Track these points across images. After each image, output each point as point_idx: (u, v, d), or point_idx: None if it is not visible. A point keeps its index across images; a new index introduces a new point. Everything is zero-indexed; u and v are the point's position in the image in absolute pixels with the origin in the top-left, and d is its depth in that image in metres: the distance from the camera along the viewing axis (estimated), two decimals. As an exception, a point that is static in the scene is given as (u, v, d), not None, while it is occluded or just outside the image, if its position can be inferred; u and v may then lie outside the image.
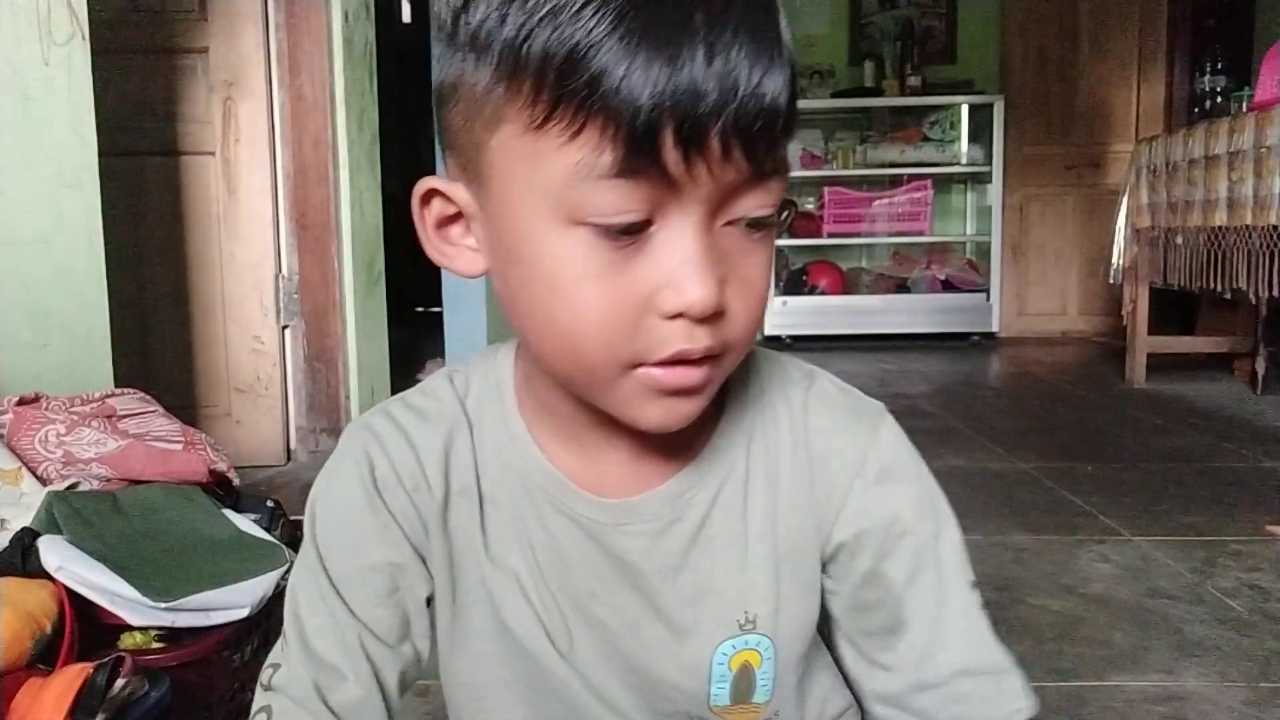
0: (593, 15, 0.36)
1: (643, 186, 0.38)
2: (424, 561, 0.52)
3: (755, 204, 0.41)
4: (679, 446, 0.50)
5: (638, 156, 0.37)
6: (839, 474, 0.51)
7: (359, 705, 0.50)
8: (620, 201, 0.38)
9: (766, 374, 0.54)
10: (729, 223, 0.41)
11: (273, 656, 0.53)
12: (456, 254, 0.47)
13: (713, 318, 0.41)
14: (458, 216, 0.46)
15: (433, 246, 0.47)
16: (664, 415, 0.44)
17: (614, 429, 0.48)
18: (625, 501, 0.50)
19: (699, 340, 0.41)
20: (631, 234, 0.39)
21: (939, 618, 0.50)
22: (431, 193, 0.46)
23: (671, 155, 0.37)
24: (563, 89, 0.37)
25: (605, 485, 0.50)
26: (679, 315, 0.40)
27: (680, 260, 0.40)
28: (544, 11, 0.37)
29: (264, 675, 0.52)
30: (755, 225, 0.42)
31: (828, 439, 0.52)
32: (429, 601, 0.54)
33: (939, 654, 0.50)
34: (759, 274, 0.43)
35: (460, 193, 0.45)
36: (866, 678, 0.53)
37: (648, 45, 0.36)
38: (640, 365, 0.42)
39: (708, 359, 0.42)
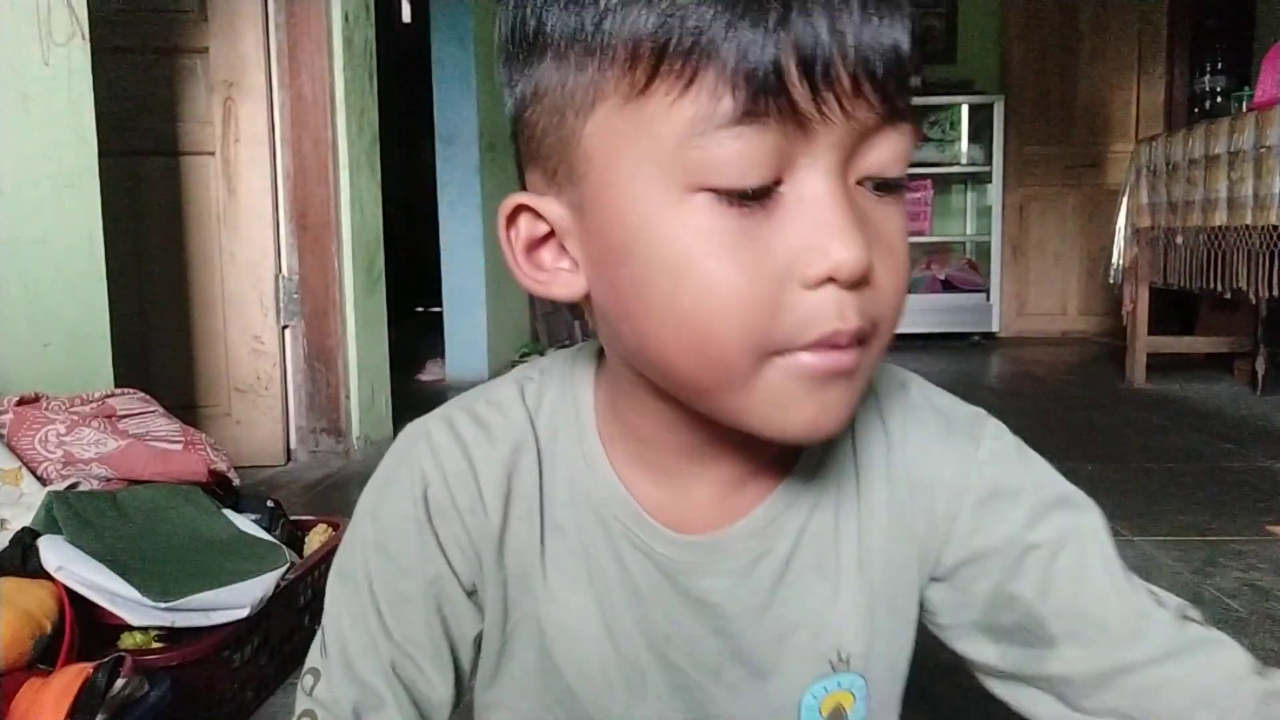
0: None
1: (770, 134, 0.34)
2: (473, 595, 0.49)
3: (889, 155, 0.36)
4: (770, 476, 0.46)
5: (763, 95, 0.33)
6: (941, 500, 0.47)
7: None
8: (746, 153, 0.34)
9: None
10: (859, 183, 0.37)
11: (312, 660, 0.50)
12: (551, 278, 0.42)
13: (861, 288, 0.36)
14: (548, 238, 0.42)
15: (523, 273, 0.42)
16: (816, 414, 0.38)
17: (707, 459, 0.45)
18: (709, 538, 0.46)
19: (850, 316, 0.36)
20: (760, 196, 0.35)
21: (1087, 615, 0.45)
22: (519, 209, 0.42)
23: (799, 91, 0.33)
24: (665, 53, 0.34)
25: (689, 521, 0.46)
26: (826, 282, 0.35)
27: (820, 217, 0.35)
28: None
29: (305, 681, 0.50)
30: (885, 188, 0.37)
31: (926, 460, 0.48)
32: (477, 641, 0.51)
33: (1107, 651, 0.44)
34: (901, 240, 0.38)
35: (551, 206, 0.40)
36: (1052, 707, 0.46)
37: None
38: (783, 353, 0.36)
39: (857, 343, 0.37)
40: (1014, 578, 0.46)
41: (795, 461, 0.47)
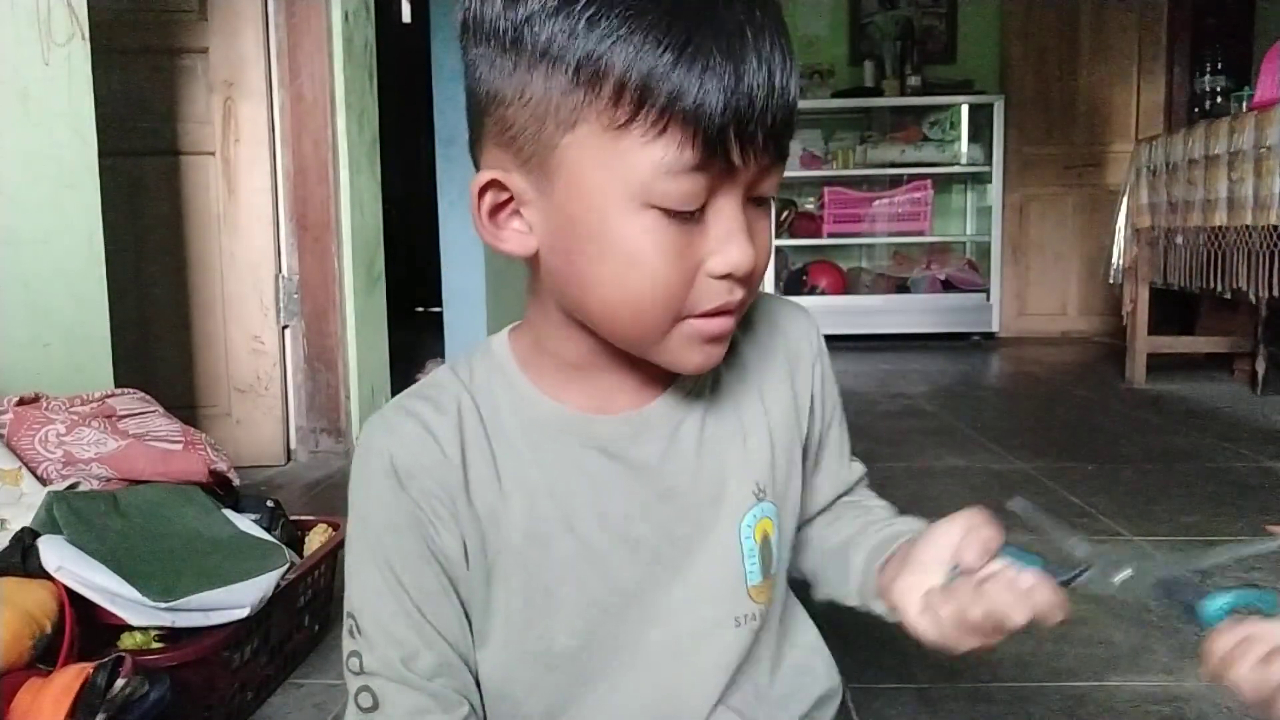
0: (664, 36, 0.44)
1: (709, 176, 0.47)
2: (464, 548, 0.56)
3: (772, 184, 0.51)
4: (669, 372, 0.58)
5: (711, 154, 0.46)
6: (802, 360, 0.65)
7: (441, 668, 0.56)
8: (693, 190, 0.47)
9: None
10: (750, 200, 0.50)
11: (349, 646, 0.57)
12: (507, 236, 0.53)
13: (745, 277, 0.51)
14: (506, 203, 0.52)
15: (485, 230, 0.53)
16: (704, 360, 0.53)
17: (622, 368, 0.57)
18: (634, 413, 0.58)
19: (736, 294, 0.51)
20: (692, 216, 0.48)
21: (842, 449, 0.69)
22: (491, 183, 0.51)
23: (734, 150, 0.46)
24: (644, 103, 0.45)
25: (617, 409, 0.58)
26: (726, 275, 0.50)
27: (728, 232, 0.49)
28: (614, 38, 0.44)
29: (351, 663, 0.57)
30: (760, 201, 0.51)
31: (796, 331, 0.65)
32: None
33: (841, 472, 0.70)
34: (767, 238, 0.53)
35: (516, 181, 0.51)
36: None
37: (715, 61, 0.44)
38: (687, 317, 0.51)
39: (734, 310, 0.52)
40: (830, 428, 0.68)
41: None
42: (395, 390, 2.68)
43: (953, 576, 0.54)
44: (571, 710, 0.59)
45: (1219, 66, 4.16)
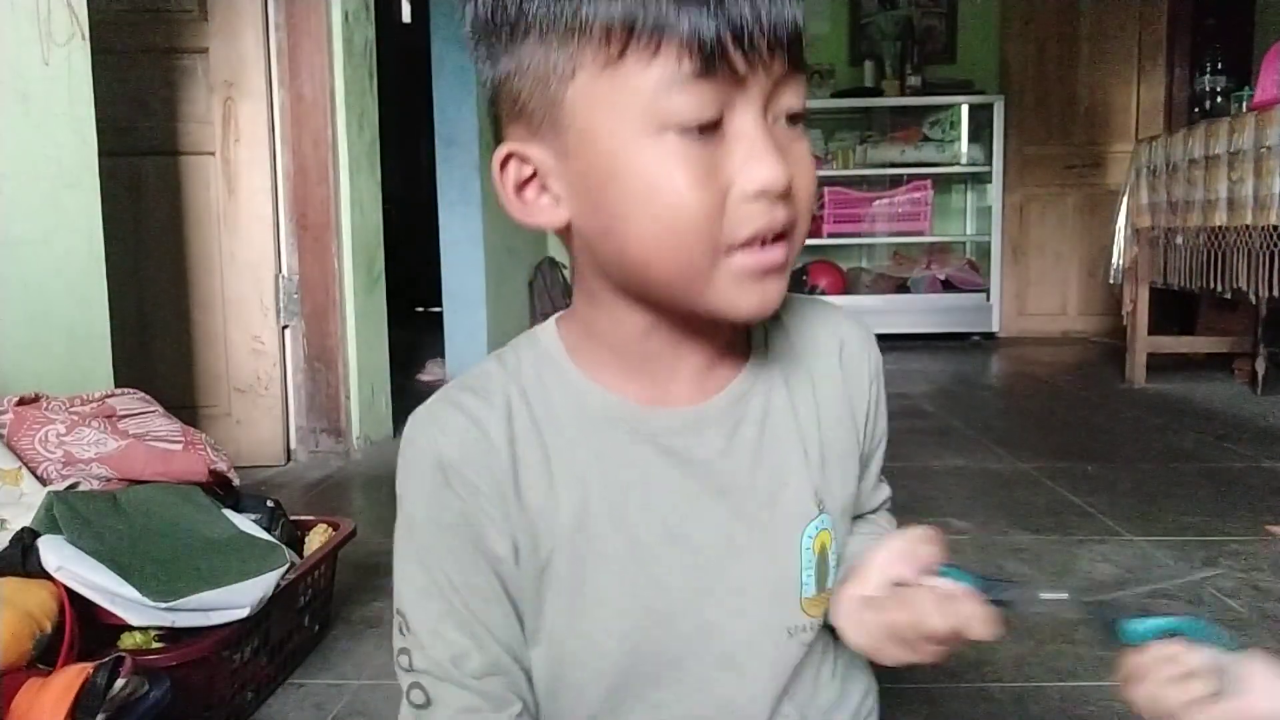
0: None
1: (715, 85, 0.46)
2: (514, 545, 0.55)
3: (795, 96, 0.49)
4: (732, 358, 0.58)
5: (711, 62, 0.45)
6: (862, 376, 0.63)
7: (491, 667, 0.55)
8: (700, 100, 0.46)
9: (795, 297, 0.63)
10: (777, 119, 0.49)
11: (399, 643, 0.56)
12: (535, 210, 0.53)
13: (784, 195, 0.49)
14: (531, 179, 0.52)
15: (515, 207, 0.53)
16: (760, 300, 0.50)
17: (679, 353, 0.55)
18: (692, 409, 0.56)
19: (778, 215, 0.49)
20: (709, 130, 0.47)
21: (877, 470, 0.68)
22: (509, 157, 0.52)
23: (736, 58, 0.46)
24: (633, 29, 0.45)
25: (674, 403, 0.56)
26: (759, 194, 0.48)
27: (750, 147, 0.48)
28: None
29: (401, 660, 0.56)
30: (793, 120, 0.50)
31: (855, 344, 0.63)
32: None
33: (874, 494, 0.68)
34: (807, 159, 0.51)
35: (535, 152, 0.51)
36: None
37: None
38: (731, 250, 0.49)
39: (784, 236, 0.50)
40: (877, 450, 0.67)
41: (748, 353, 0.59)
42: (395, 390, 2.68)
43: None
44: (621, 718, 0.58)
45: (1219, 66, 4.17)
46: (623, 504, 0.55)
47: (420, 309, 5.92)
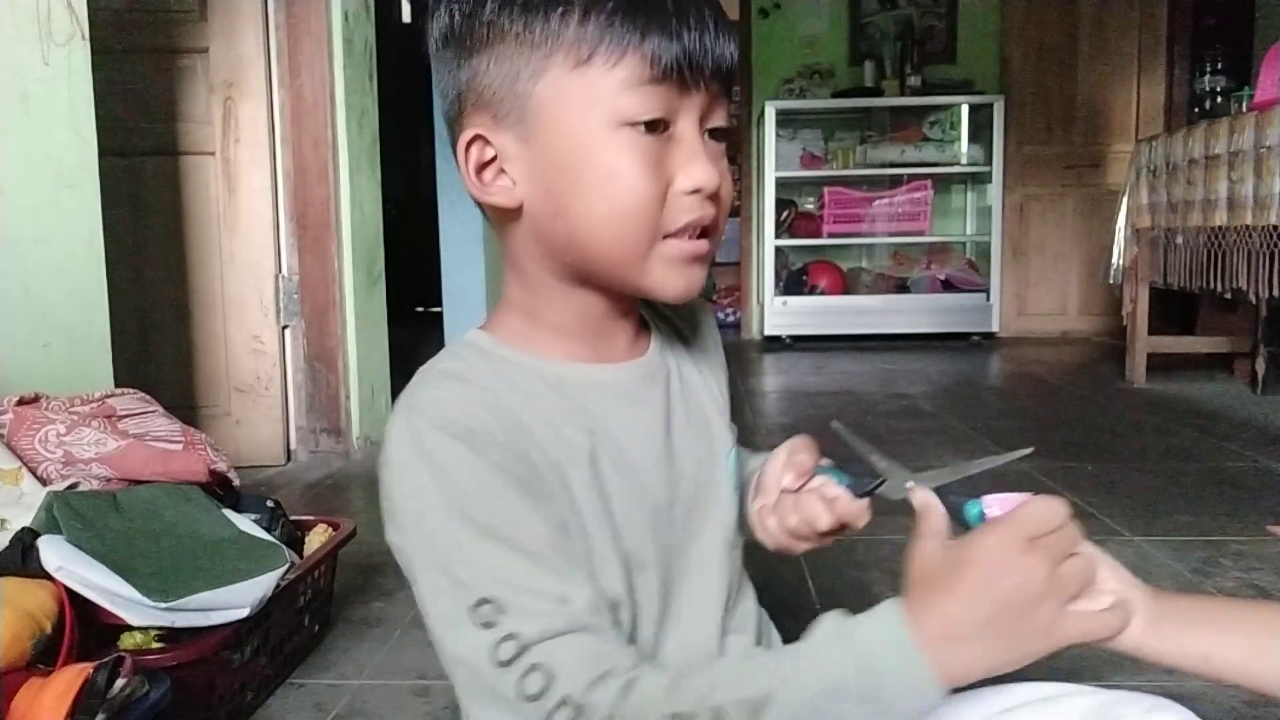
0: None
1: (666, 91, 0.54)
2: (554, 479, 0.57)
3: (721, 116, 0.58)
4: (643, 336, 0.67)
5: (666, 71, 0.53)
6: (714, 331, 0.74)
7: (594, 601, 0.53)
8: (656, 102, 0.54)
9: None
10: (706, 132, 0.57)
11: (496, 635, 0.50)
12: (493, 190, 0.58)
13: (712, 196, 0.57)
14: (491, 162, 0.58)
15: (474, 185, 0.59)
16: (686, 283, 0.58)
17: (615, 323, 0.63)
18: (634, 363, 0.64)
19: (708, 210, 0.57)
20: (660, 130, 0.55)
21: None
22: (475, 139, 0.57)
23: (686, 71, 0.54)
24: (602, 37, 0.53)
25: (617, 362, 0.64)
26: (695, 191, 0.56)
27: (691, 151, 0.56)
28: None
29: (504, 651, 0.50)
30: (718, 137, 0.58)
31: (707, 315, 0.74)
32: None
33: None
34: (727, 170, 0.59)
35: (500, 138, 0.57)
36: None
37: (662, 14, 0.53)
38: (667, 237, 0.56)
39: (709, 233, 0.58)
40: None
41: (648, 329, 0.68)
42: (395, 390, 2.68)
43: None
44: (670, 613, 0.63)
45: (1219, 66, 4.17)
46: (619, 445, 0.60)
47: (420, 309, 5.92)
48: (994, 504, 0.59)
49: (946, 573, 0.50)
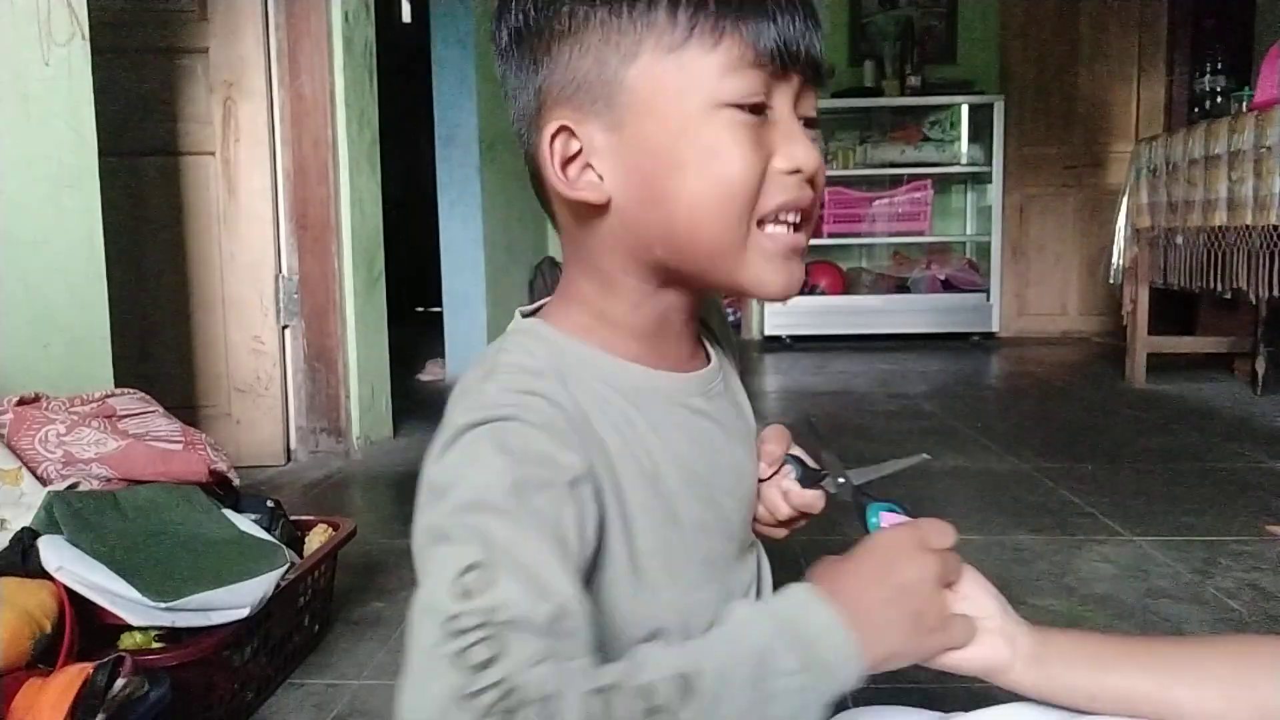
0: None
1: (764, 75, 0.54)
2: (603, 516, 0.53)
3: (811, 104, 0.59)
4: (701, 345, 0.67)
5: (764, 54, 0.54)
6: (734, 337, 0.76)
7: (578, 628, 0.46)
8: (755, 84, 0.54)
9: None
10: (799, 118, 0.57)
11: (453, 607, 0.44)
12: (581, 186, 0.57)
13: (810, 181, 0.57)
14: (575, 157, 0.56)
15: (559, 182, 0.57)
16: (787, 278, 0.58)
17: (685, 327, 0.63)
18: (697, 373, 0.64)
19: (806, 193, 0.57)
20: (758, 111, 0.55)
21: None
22: (560, 130, 0.56)
23: (782, 54, 0.54)
24: (698, 19, 0.53)
25: (683, 368, 0.63)
26: (795, 171, 0.56)
27: (789, 131, 0.56)
28: None
29: (462, 621, 0.43)
30: (810, 125, 0.58)
31: (717, 317, 0.74)
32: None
33: None
34: (822, 154, 0.59)
35: (587, 129, 0.56)
36: None
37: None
38: (764, 221, 0.56)
39: (804, 224, 0.58)
40: None
41: (703, 338, 0.68)
42: (395, 390, 2.68)
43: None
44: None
45: (1219, 66, 4.16)
46: (682, 463, 0.60)
47: (420, 309, 5.92)
48: (887, 519, 0.64)
49: (849, 558, 0.55)
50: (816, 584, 0.52)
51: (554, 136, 0.56)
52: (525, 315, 0.65)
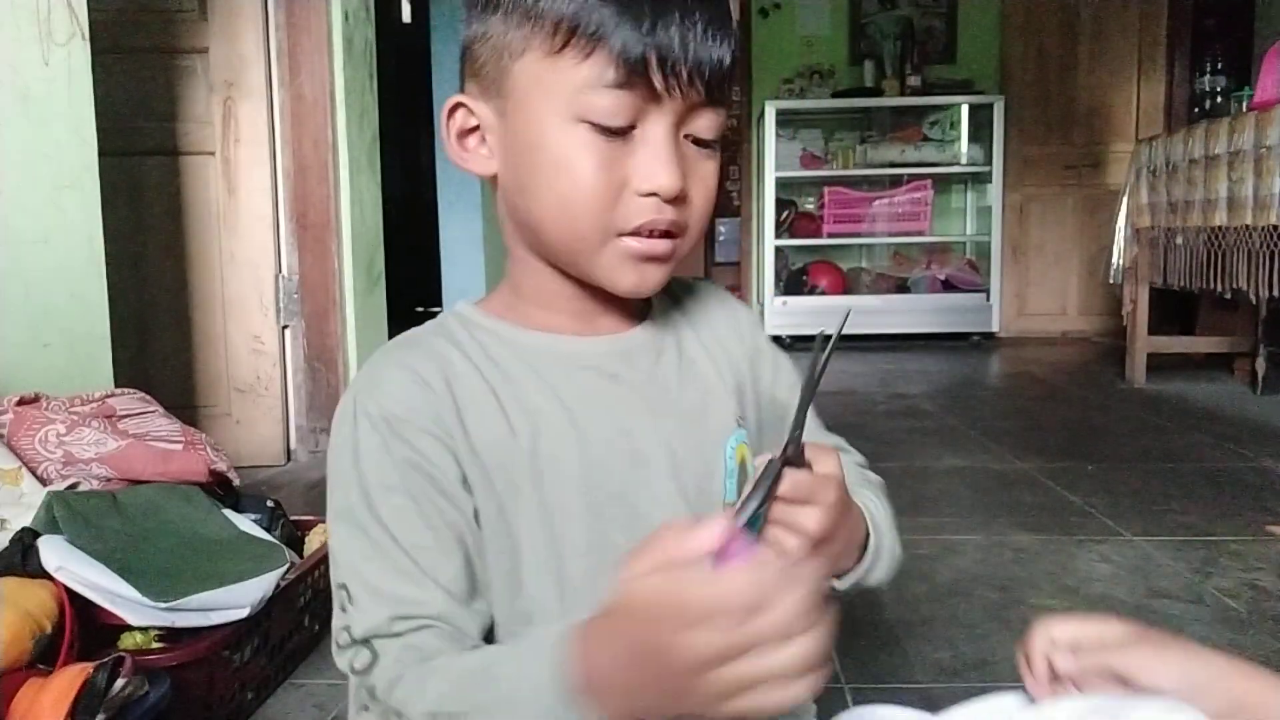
0: None
1: (632, 97, 0.53)
2: (464, 481, 0.56)
3: (707, 124, 0.56)
4: (642, 312, 0.65)
5: (632, 75, 0.52)
6: (745, 323, 0.71)
7: (436, 619, 0.53)
8: (616, 106, 0.53)
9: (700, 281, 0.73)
10: (688, 137, 0.56)
11: (340, 621, 0.55)
12: (472, 158, 0.60)
13: (675, 201, 0.55)
14: (474, 130, 0.60)
15: (453, 151, 0.60)
16: (638, 279, 0.57)
17: (591, 301, 0.61)
18: (621, 337, 0.63)
19: (665, 214, 0.55)
20: (620, 134, 0.54)
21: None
22: (457, 106, 0.60)
23: (656, 78, 0.52)
24: (575, 31, 0.52)
25: (601, 334, 0.63)
26: (651, 194, 0.54)
27: (654, 154, 0.54)
28: None
29: (341, 637, 0.54)
30: (703, 144, 0.57)
31: (725, 302, 0.71)
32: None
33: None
34: (711, 175, 0.58)
35: (481, 108, 0.59)
36: None
37: (639, 4, 0.52)
38: (620, 235, 0.56)
39: (671, 235, 0.56)
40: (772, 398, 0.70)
41: (647, 317, 0.66)
42: (395, 390, 2.68)
43: None
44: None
45: (1219, 66, 4.16)
46: (573, 422, 0.59)
47: (420, 309, 5.92)
48: (736, 550, 0.43)
49: (617, 617, 0.44)
50: (578, 649, 0.45)
51: (451, 111, 0.60)
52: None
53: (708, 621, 0.39)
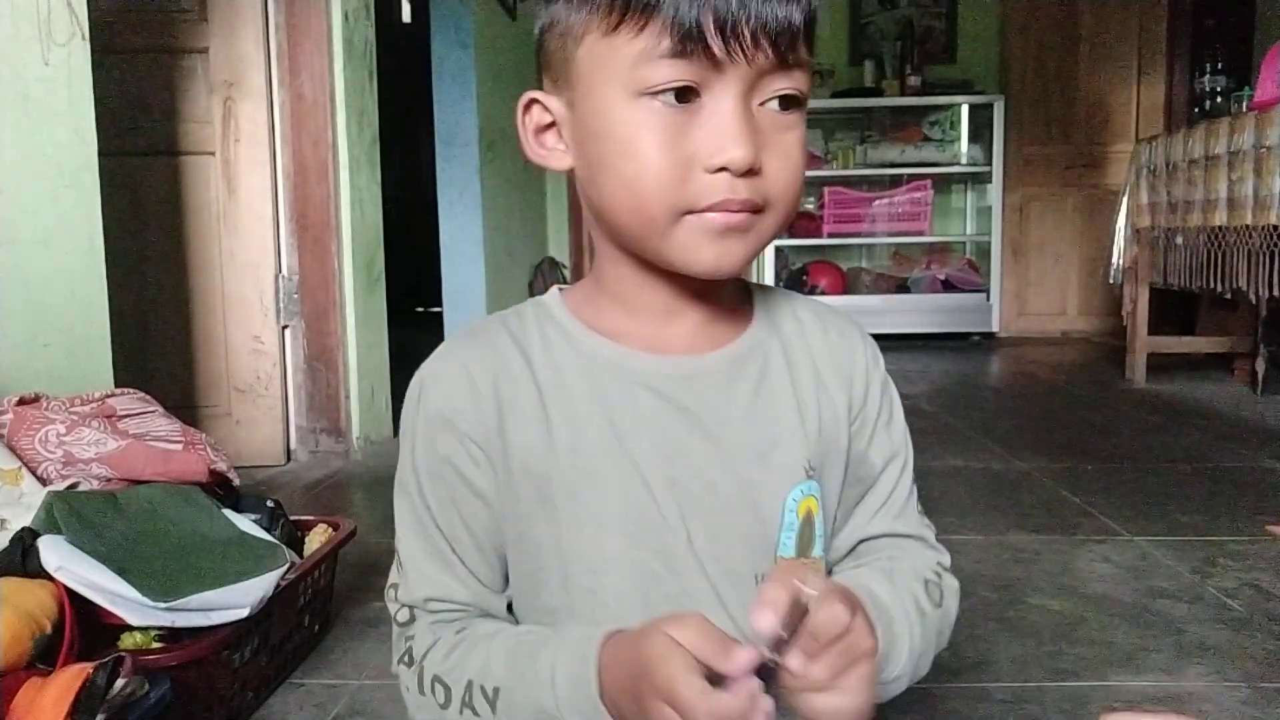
0: None
1: (691, 65, 0.50)
2: (495, 486, 0.59)
3: (781, 88, 0.52)
4: (733, 321, 0.61)
5: (689, 43, 0.49)
6: (860, 368, 0.65)
7: (468, 605, 0.60)
8: (675, 75, 0.50)
9: (770, 288, 0.68)
10: (763, 103, 0.52)
11: (392, 578, 0.62)
12: (549, 154, 0.59)
13: (750, 175, 0.52)
14: (550, 126, 0.58)
15: (531, 149, 0.59)
16: (715, 257, 0.53)
17: (678, 301, 0.59)
18: (692, 359, 0.59)
19: (739, 191, 0.52)
20: (683, 100, 0.51)
21: (893, 495, 0.65)
22: (532, 102, 0.58)
23: (716, 44, 0.49)
24: (629, 6, 0.50)
25: (672, 353, 0.59)
26: (721, 170, 0.51)
27: (721, 125, 0.51)
28: None
29: (389, 592, 0.62)
30: (786, 105, 0.53)
31: (862, 345, 0.66)
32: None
33: (886, 519, 0.64)
34: (793, 145, 0.54)
35: (554, 102, 0.57)
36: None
37: None
38: (690, 213, 0.52)
39: (750, 210, 0.52)
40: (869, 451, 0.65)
41: (750, 321, 0.62)
42: (395, 390, 2.68)
43: None
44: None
45: (1219, 66, 4.16)
46: (618, 439, 0.57)
47: (420, 309, 5.92)
48: (746, 670, 0.43)
49: (632, 645, 0.48)
50: (605, 656, 0.50)
51: (526, 108, 0.59)
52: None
53: (679, 713, 0.43)
